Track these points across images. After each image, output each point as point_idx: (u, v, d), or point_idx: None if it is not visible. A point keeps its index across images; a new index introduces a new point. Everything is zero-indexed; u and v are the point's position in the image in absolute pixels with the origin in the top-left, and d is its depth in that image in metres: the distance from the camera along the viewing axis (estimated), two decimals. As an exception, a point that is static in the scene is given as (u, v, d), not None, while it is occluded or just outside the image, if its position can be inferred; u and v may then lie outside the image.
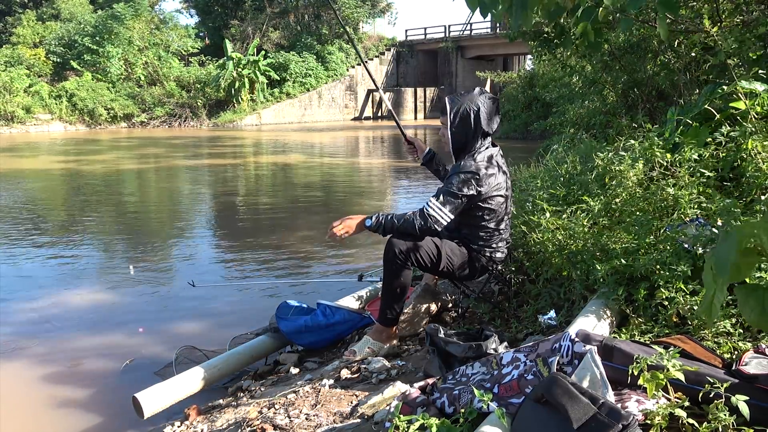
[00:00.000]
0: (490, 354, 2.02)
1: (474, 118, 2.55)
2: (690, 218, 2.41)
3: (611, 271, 2.24)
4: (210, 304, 4.50)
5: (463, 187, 2.49)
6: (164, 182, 12.28)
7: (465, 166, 2.53)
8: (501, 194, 2.62)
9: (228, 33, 33.58)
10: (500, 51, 34.40)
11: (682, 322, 2.04)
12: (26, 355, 3.66)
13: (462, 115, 2.56)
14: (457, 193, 2.49)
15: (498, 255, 2.72)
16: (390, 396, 2.05)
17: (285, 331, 3.09)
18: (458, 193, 2.49)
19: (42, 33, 30.87)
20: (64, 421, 2.94)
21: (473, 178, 2.50)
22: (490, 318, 2.88)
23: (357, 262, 5.61)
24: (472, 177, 2.50)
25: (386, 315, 2.67)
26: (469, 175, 2.50)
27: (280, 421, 2.09)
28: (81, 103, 27.61)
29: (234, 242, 6.84)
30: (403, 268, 2.56)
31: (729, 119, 2.88)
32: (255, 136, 25.02)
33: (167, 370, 3.12)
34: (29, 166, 14.47)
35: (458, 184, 2.49)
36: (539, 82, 16.85)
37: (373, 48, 37.16)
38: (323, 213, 8.39)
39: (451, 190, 2.49)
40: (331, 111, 34.71)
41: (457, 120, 2.56)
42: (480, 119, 2.55)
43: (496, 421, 1.48)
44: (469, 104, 2.56)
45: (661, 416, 1.41)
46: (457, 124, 2.57)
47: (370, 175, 13.54)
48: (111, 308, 4.52)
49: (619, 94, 5.68)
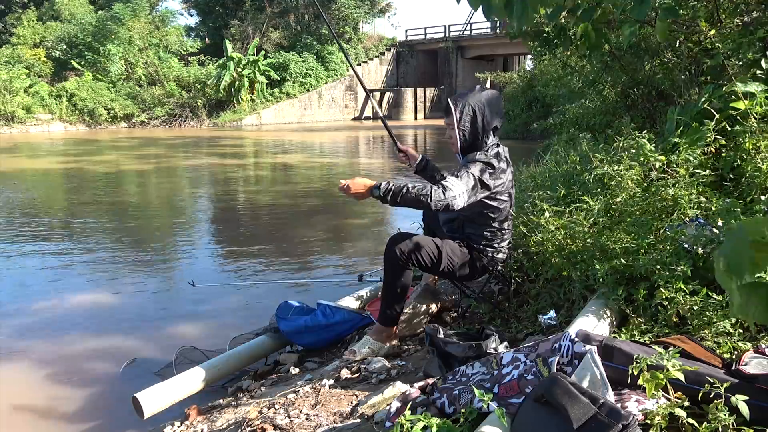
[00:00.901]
0: (490, 354, 2.02)
1: (480, 114, 2.54)
2: (690, 218, 2.41)
3: (611, 271, 2.24)
4: (210, 304, 4.50)
5: (482, 174, 2.43)
6: (164, 182, 12.27)
7: (479, 158, 2.49)
8: (507, 192, 2.62)
9: (228, 33, 33.58)
10: (500, 51, 34.42)
11: (682, 322, 2.04)
12: (26, 355, 3.66)
13: (468, 113, 2.54)
14: (476, 176, 2.40)
15: (499, 255, 2.72)
16: (390, 396, 2.05)
17: (285, 331, 3.09)
18: (477, 176, 2.40)
19: (42, 33, 30.85)
20: (64, 421, 2.94)
21: (488, 169, 2.46)
22: (490, 318, 2.89)
23: (357, 262, 5.61)
24: (488, 167, 2.47)
25: (387, 315, 2.67)
26: (485, 165, 2.46)
27: (280, 421, 2.09)
28: (81, 103, 27.61)
29: (234, 242, 6.84)
30: (404, 268, 2.56)
31: (729, 119, 2.88)
32: (255, 136, 25.02)
33: (167, 370, 3.12)
34: (29, 166, 14.47)
35: (478, 171, 2.43)
36: (539, 82, 16.85)
37: (373, 48, 37.18)
38: (323, 213, 8.40)
39: (470, 171, 2.40)
40: (331, 111, 34.70)
41: (463, 117, 2.54)
42: (486, 114, 2.54)
43: (496, 421, 1.48)
44: (473, 101, 2.55)
45: (661, 416, 1.41)
46: (463, 121, 2.55)
47: (370, 175, 13.54)
48: (111, 308, 4.52)
49: (619, 94, 5.68)
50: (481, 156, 2.51)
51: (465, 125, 2.55)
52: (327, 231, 7.19)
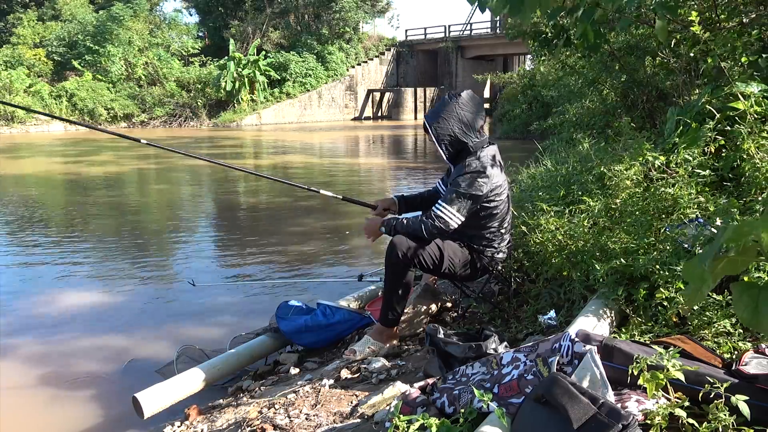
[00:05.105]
0: (490, 354, 2.02)
1: (458, 122, 2.54)
2: (689, 218, 2.41)
3: (611, 271, 2.24)
4: (210, 304, 4.50)
5: (471, 187, 2.49)
6: (164, 182, 12.27)
7: (470, 166, 2.52)
8: (503, 193, 2.62)
9: (228, 33, 33.57)
10: (500, 51, 34.41)
11: (682, 322, 2.05)
12: (27, 355, 3.66)
13: (444, 126, 2.56)
14: (465, 193, 2.48)
15: (499, 255, 2.72)
16: (390, 396, 2.05)
17: (285, 331, 3.09)
18: (467, 193, 2.48)
19: (42, 33, 30.85)
20: (64, 421, 2.94)
21: (479, 177, 2.49)
22: (490, 318, 2.89)
23: (357, 262, 5.61)
24: (479, 176, 2.49)
25: (388, 316, 2.67)
26: (476, 174, 2.50)
27: (280, 421, 2.09)
28: (81, 103, 27.61)
29: (234, 242, 6.84)
30: (406, 269, 2.57)
31: (728, 119, 2.88)
32: (255, 136, 25.01)
33: (168, 369, 3.12)
34: (29, 165, 14.47)
35: (466, 185, 2.49)
36: (539, 82, 16.84)
37: (373, 48, 37.15)
38: (323, 213, 8.40)
39: (459, 191, 2.49)
40: (331, 111, 34.69)
41: (441, 133, 2.57)
42: (464, 120, 2.54)
43: (496, 421, 1.48)
44: (446, 113, 2.55)
45: (661, 416, 1.41)
46: (442, 136, 2.57)
47: (371, 175, 13.54)
48: (111, 308, 4.52)
49: (619, 94, 5.68)
50: (474, 162, 2.52)
51: (445, 139, 2.57)
52: (327, 231, 7.19)
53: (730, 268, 0.84)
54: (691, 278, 0.88)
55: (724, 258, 0.84)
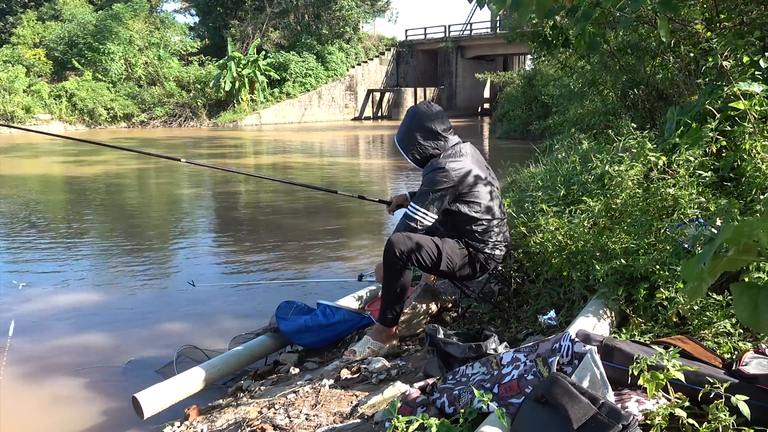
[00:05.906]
0: (490, 354, 2.02)
1: (421, 136, 2.70)
2: (690, 218, 2.41)
3: (611, 272, 2.24)
4: (210, 304, 4.50)
5: (434, 183, 2.60)
6: (164, 182, 12.27)
7: (431, 165, 2.67)
8: (478, 181, 2.65)
9: (228, 33, 33.58)
10: (500, 51, 34.40)
11: (682, 322, 2.04)
12: (26, 355, 3.66)
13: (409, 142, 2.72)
14: (429, 189, 2.61)
15: (497, 252, 2.72)
16: (390, 396, 2.05)
17: (285, 331, 3.09)
18: (430, 188, 2.60)
19: (42, 33, 30.85)
20: (64, 421, 2.94)
21: (437, 174, 2.60)
22: (490, 318, 2.89)
23: (357, 262, 5.61)
24: (437, 173, 2.60)
25: (387, 315, 2.67)
26: (434, 172, 2.61)
27: (280, 421, 2.09)
28: (81, 103, 27.60)
29: (234, 242, 6.84)
30: (404, 268, 2.57)
31: (728, 119, 2.88)
32: (255, 136, 25.01)
33: (168, 369, 3.12)
34: (29, 165, 14.47)
35: (429, 183, 2.62)
36: (539, 82, 16.85)
37: (373, 48, 37.15)
38: (323, 213, 8.40)
39: (423, 189, 2.64)
40: (331, 111, 34.69)
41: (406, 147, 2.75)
42: (424, 132, 2.69)
43: (496, 421, 1.48)
44: (408, 130, 2.72)
45: (661, 416, 1.41)
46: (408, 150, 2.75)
47: (371, 175, 13.54)
48: (111, 308, 4.52)
49: (619, 94, 5.69)
50: (432, 164, 2.68)
51: (410, 149, 2.75)
52: (327, 231, 7.19)
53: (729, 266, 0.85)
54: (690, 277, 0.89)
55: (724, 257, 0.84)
